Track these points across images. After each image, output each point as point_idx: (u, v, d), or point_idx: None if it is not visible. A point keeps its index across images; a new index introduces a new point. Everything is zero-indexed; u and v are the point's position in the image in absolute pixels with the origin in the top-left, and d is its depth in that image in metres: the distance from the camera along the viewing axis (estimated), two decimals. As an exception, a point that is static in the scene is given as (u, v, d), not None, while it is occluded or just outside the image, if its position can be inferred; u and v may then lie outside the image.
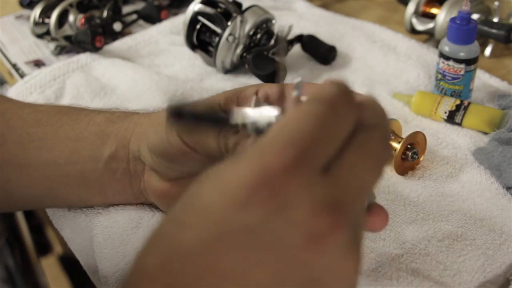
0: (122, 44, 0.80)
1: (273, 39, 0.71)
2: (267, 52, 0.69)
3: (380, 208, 0.35)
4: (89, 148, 0.47)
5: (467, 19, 0.58)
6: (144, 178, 0.47)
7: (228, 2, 0.69)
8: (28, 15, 0.87)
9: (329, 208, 0.25)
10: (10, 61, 0.81)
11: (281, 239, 0.24)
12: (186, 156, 0.42)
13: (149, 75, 0.70)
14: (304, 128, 0.25)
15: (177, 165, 0.44)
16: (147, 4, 0.86)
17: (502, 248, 0.45)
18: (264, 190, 0.24)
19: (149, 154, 0.44)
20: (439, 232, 0.47)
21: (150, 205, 0.50)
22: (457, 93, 0.61)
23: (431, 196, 0.51)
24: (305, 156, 0.25)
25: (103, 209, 0.50)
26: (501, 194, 0.51)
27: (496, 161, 0.52)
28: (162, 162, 0.44)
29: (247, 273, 0.24)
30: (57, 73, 0.72)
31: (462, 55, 0.59)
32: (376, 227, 0.35)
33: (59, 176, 0.47)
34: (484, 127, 0.58)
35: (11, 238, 0.76)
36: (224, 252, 0.24)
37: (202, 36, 0.71)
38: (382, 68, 0.71)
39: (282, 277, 0.24)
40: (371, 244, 0.46)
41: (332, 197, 0.25)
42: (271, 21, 0.71)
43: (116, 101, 0.67)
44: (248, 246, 0.24)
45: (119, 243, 0.46)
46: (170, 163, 0.44)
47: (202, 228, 0.25)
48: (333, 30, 0.78)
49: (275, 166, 0.24)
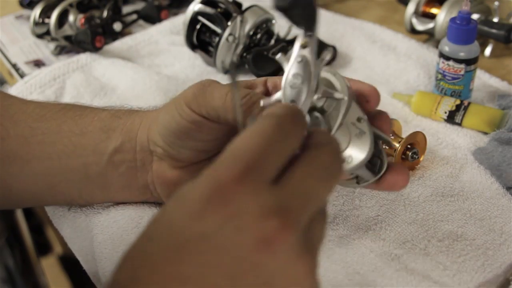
0: (122, 44, 0.80)
1: (273, 39, 0.71)
2: (267, 52, 0.69)
3: (400, 166, 0.41)
4: (93, 143, 0.47)
5: (467, 19, 0.58)
6: (153, 170, 0.47)
7: (228, 2, 0.69)
8: (28, 15, 0.87)
9: (276, 212, 0.27)
10: (10, 61, 0.81)
11: (233, 243, 0.26)
12: (199, 127, 0.44)
13: (149, 75, 0.70)
14: (251, 143, 0.28)
15: (190, 141, 0.45)
16: (147, 4, 0.86)
17: (502, 248, 0.45)
18: (216, 200, 0.27)
19: (161, 138, 0.45)
20: (439, 232, 0.47)
21: (150, 204, 0.50)
22: (457, 93, 0.61)
23: (431, 196, 0.51)
24: (252, 168, 0.27)
25: (103, 209, 0.50)
26: (501, 194, 0.51)
27: (496, 161, 0.52)
28: (175, 142, 0.45)
29: (206, 276, 0.26)
30: (57, 73, 0.72)
31: (462, 55, 0.59)
32: (397, 185, 0.40)
33: (60, 171, 0.47)
34: (484, 127, 0.58)
35: (11, 238, 0.76)
36: (185, 259, 0.26)
37: (202, 36, 0.71)
38: (382, 68, 0.71)
39: (238, 279, 0.26)
40: (371, 244, 0.46)
41: (279, 203, 0.27)
42: (271, 21, 0.71)
43: (116, 101, 0.67)
44: (205, 251, 0.26)
45: (119, 243, 0.46)
46: (184, 140, 0.45)
47: (165, 239, 0.27)
48: (333, 30, 0.78)
49: (225, 178, 0.27)
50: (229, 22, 0.68)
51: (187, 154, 0.46)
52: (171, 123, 0.44)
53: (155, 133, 0.46)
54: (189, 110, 0.43)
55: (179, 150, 0.46)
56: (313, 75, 0.38)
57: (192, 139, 0.45)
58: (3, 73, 0.80)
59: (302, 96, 0.38)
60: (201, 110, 0.43)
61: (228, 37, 0.67)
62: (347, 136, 0.40)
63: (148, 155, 0.47)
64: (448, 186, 0.52)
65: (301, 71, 0.38)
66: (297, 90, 0.38)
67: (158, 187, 0.48)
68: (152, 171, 0.47)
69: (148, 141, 0.46)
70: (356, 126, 0.40)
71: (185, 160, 0.46)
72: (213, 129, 0.44)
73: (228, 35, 0.67)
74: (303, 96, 0.38)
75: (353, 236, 0.47)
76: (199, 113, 0.43)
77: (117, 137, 0.47)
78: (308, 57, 0.38)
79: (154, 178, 0.47)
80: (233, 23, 0.67)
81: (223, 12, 0.69)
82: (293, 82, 0.38)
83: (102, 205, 0.50)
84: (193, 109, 0.43)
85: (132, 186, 0.48)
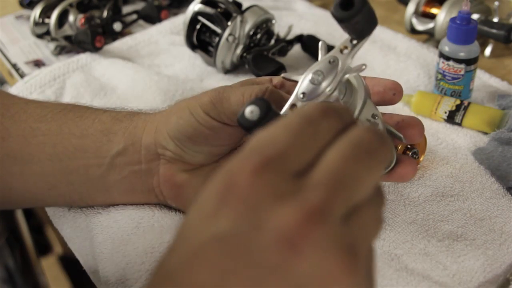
0: (122, 44, 0.80)
1: (273, 39, 0.71)
2: (267, 52, 0.69)
3: (408, 158, 0.44)
4: (93, 145, 0.47)
5: (467, 19, 0.58)
6: (159, 173, 0.47)
7: (228, 2, 0.69)
8: (28, 15, 0.87)
9: (298, 205, 0.23)
10: (10, 61, 0.81)
11: (251, 244, 0.23)
12: (217, 132, 0.44)
13: (149, 75, 0.70)
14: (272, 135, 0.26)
15: (206, 146, 0.45)
16: (147, 4, 0.86)
17: (502, 248, 0.45)
18: (229, 196, 0.24)
19: (173, 142, 0.45)
20: (439, 232, 0.47)
21: (151, 205, 0.50)
22: (457, 93, 0.61)
23: (431, 196, 0.51)
24: (271, 159, 0.24)
25: (103, 209, 0.50)
26: (501, 194, 0.51)
27: (496, 161, 0.52)
28: (190, 147, 0.45)
29: (224, 283, 0.23)
30: (57, 73, 0.72)
31: (462, 55, 0.59)
32: (406, 177, 0.43)
33: (61, 173, 0.47)
34: (484, 127, 0.58)
35: (11, 238, 0.76)
36: (200, 266, 0.24)
37: (202, 36, 0.71)
38: (382, 68, 0.71)
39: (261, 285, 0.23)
40: (371, 244, 0.46)
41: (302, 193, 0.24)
42: (271, 21, 0.71)
43: (116, 101, 0.67)
44: (220, 255, 0.23)
45: (119, 243, 0.46)
46: (199, 145, 0.45)
47: (181, 247, 0.25)
48: (333, 30, 0.78)
49: (239, 172, 0.24)
50: (229, 22, 0.68)
51: (200, 157, 0.46)
52: (187, 129, 0.44)
53: (165, 137, 0.45)
54: (208, 117, 0.44)
55: (193, 155, 0.46)
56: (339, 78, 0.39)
57: (208, 144, 0.45)
58: (3, 73, 0.80)
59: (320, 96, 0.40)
60: (221, 117, 0.43)
61: (228, 37, 0.67)
62: None
63: (155, 159, 0.47)
64: (448, 186, 0.52)
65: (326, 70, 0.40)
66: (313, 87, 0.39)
67: (165, 190, 0.47)
68: (159, 174, 0.47)
69: (155, 144, 0.46)
70: (370, 122, 0.42)
71: (196, 163, 0.47)
72: (231, 134, 0.45)
73: (228, 35, 0.67)
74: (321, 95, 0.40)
75: (353, 236, 0.47)
76: (219, 120, 0.44)
77: (119, 141, 0.47)
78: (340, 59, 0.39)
79: (161, 181, 0.47)
80: (233, 23, 0.67)
81: (223, 12, 0.69)
82: (314, 78, 0.39)
83: (102, 205, 0.50)
84: (212, 116, 0.44)
85: (135, 189, 0.48)
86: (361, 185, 0.25)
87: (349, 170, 0.25)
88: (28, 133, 0.48)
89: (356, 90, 0.42)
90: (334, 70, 0.40)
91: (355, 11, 0.35)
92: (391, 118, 0.45)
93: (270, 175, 0.24)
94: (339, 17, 0.36)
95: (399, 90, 0.46)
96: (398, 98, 0.46)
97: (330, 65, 0.40)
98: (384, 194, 0.28)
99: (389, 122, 0.44)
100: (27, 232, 0.89)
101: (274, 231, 0.23)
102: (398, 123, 0.44)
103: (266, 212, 0.23)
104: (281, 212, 0.23)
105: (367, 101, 0.42)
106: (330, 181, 0.24)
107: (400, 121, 0.44)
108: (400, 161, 0.43)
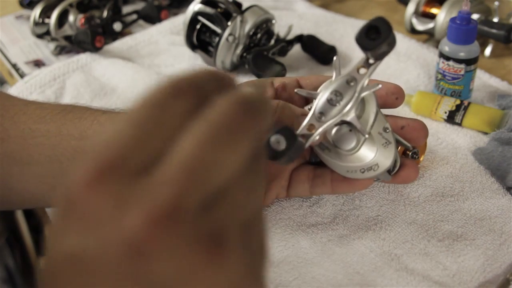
0: (122, 44, 0.80)
1: (273, 39, 0.71)
2: (267, 52, 0.69)
3: (410, 161, 0.46)
4: None
5: (467, 19, 0.58)
6: None
7: (228, 2, 0.69)
8: (28, 15, 0.87)
9: (137, 205, 0.21)
10: (10, 61, 0.81)
11: (100, 258, 0.22)
12: None
13: (149, 75, 0.70)
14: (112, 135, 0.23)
15: None
16: (147, 4, 0.86)
17: (502, 248, 0.45)
18: (71, 215, 0.22)
19: None
20: (439, 232, 0.47)
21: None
22: (457, 93, 0.61)
23: (431, 196, 0.51)
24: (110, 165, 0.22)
25: (103, 209, 0.50)
26: (501, 194, 0.51)
27: (496, 161, 0.52)
28: None
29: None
30: (57, 73, 0.72)
31: (462, 55, 0.59)
32: (408, 179, 0.46)
33: (61, 173, 0.47)
34: (484, 127, 0.58)
35: (11, 238, 0.76)
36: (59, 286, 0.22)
37: (202, 36, 0.71)
38: (382, 68, 0.71)
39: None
40: (371, 244, 0.46)
41: (142, 192, 0.22)
42: (271, 21, 0.71)
43: (116, 101, 0.67)
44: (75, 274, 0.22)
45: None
46: None
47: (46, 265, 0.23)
48: (333, 30, 0.78)
49: (75, 187, 0.22)
50: (229, 22, 0.68)
51: None
52: None
53: None
54: None
55: None
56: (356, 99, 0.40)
57: None
58: (3, 73, 0.80)
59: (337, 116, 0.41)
60: None
61: (228, 37, 0.67)
62: (374, 146, 0.43)
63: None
64: (448, 186, 0.52)
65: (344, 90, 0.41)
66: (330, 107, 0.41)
67: None
68: None
69: None
70: (382, 136, 0.43)
71: None
72: None
73: (228, 35, 0.67)
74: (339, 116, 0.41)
75: (353, 236, 0.47)
76: None
77: None
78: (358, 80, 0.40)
79: None
80: (233, 23, 0.67)
81: (223, 12, 0.69)
82: (332, 98, 0.40)
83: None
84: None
85: None
86: (223, 167, 0.23)
87: (205, 155, 0.22)
88: (27, 134, 0.47)
89: (369, 104, 0.43)
90: (352, 90, 0.40)
91: (382, 40, 0.35)
92: (396, 124, 0.46)
93: (110, 182, 0.22)
94: (365, 47, 0.36)
95: (401, 94, 0.46)
96: (400, 102, 0.47)
97: (348, 85, 0.40)
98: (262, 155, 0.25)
99: (394, 127, 0.46)
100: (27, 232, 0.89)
101: (120, 241, 0.21)
102: (403, 127, 0.46)
103: (111, 224, 0.21)
104: (125, 220, 0.21)
105: (378, 114, 0.43)
106: (183, 174, 0.22)
107: (406, 125, 0.46)
108: (403, 164, 0.45)
